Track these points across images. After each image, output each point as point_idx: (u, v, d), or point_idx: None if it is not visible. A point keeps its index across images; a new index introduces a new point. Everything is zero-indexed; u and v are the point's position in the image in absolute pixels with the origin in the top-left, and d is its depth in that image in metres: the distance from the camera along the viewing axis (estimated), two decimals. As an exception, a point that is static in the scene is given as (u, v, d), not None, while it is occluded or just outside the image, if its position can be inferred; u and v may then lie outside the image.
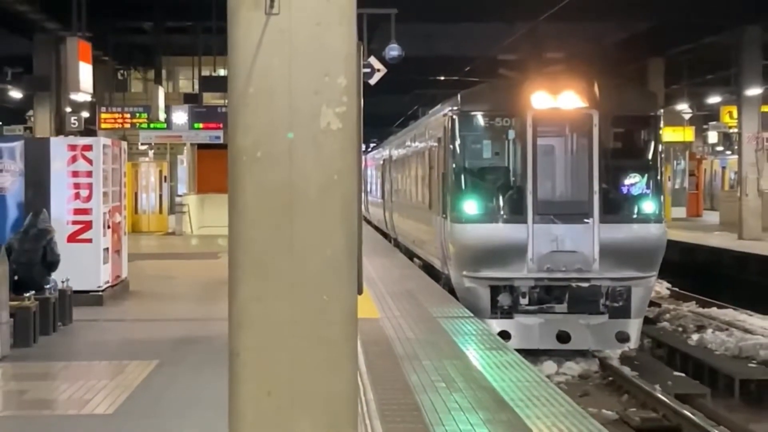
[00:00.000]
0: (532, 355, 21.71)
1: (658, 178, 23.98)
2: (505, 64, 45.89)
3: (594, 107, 23.34)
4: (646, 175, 23.73)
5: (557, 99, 23.50)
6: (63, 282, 19.23)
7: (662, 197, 24.11)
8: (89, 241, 21.98)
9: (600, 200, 22.87)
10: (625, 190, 23.77)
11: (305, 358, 7.55)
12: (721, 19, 41.61)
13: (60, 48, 35.23)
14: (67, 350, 17.30)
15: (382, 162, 52.47)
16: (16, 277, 17.48)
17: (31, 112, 46.08)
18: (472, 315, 21.78)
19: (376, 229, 51.64)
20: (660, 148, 24.65)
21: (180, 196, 51.60)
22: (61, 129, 40.18)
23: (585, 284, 22.70)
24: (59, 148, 22.57)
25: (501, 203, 23.51)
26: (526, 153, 23.15)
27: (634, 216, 23.51)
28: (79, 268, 20.79)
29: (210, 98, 46.50)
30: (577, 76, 25.35)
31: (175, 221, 48.95)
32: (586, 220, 22.81)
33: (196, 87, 46.93)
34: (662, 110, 25.63)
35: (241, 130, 7.62)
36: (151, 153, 53.21)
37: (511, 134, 23.56)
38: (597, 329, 22.92)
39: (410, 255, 36.72)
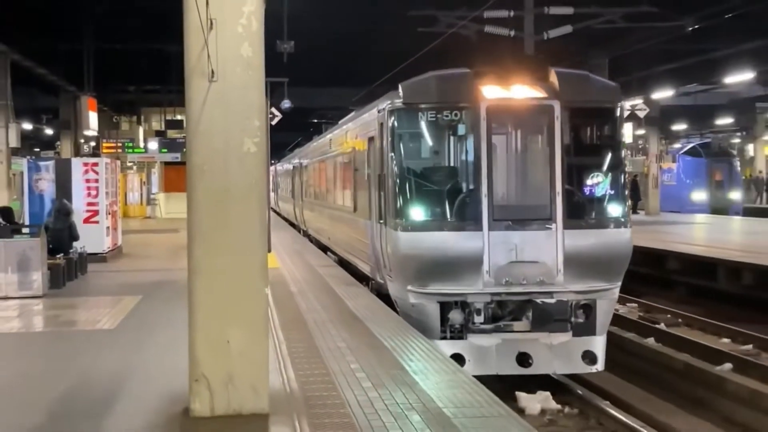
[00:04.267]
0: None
1: (623, 177, 14.70)
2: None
3: (554, 97, 13.91)
4: (610, 174, 14.31)
5: (512, 89, 14.19)
6: (81, 248, 19.08)
7: (627, 199, 14.81)
8: (97, 222, 21.84)
9: (563, 203, 13.63)
10: (589, 191, 14.29)
11: (236, 292, 7.56)
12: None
13: (76, 102, 34.72)
14: (85, 290, 17.07)
15: (291, 168, 40.11)
16: (50, 246, 17.23)
17: (58, 143, 45.23)
18: (335, 264, 20.62)
19: (285, 219, 43.84)
20: (623, 143, 15.31)
21: (153, 194, 51.24)
22: (77, 153, 39.55)
23: (551, 300, 13.39)
24: (77, 165, 22.42)
25: (451, 208, 13.73)
26: (479, 151, 13.60)
27: (601, 220, 13.97)
28: (91, 239, 20.69)
29: (172, 134, 46.08)
30: (533, 64, 16.57)
31: (150, 210, 48.81)
32: (548, 226, 13.49)
33: (164, 126, 46.74)
34: (623, 102, 15.32)
35: (195, 153, 7.61)
36: (135, 167, 52.34)
37: (462, 129, 14.07)
38: (561, 349, 13.68)
39: (323, 247, 25.58)
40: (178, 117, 43.95)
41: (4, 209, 18.72)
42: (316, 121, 52.91)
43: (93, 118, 31.82)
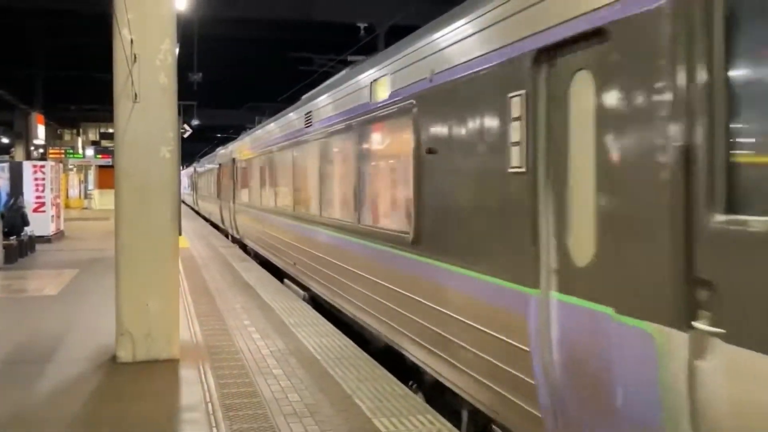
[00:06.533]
0: None
1: None
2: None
3: None
4: None
5: None
6: (31, 232, 18.30)
7: None
8: (44, 212, 21.01)
9: None
10: None
11: (154, 267, 7.36)
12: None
13: (28, 118, 33.30)
14: (33, 264, 16.29)
15: (217, 167, 25.49)
16: (5, 230, 16.44)
17: (13, 149, 43.25)
18: (228, 240, 20.17)
19: (207, 219, 32.05)
20: None
21: (89, 190, 49.68)
22: (28, 158, 37.92)
23: None
24: (27, 167, 21.49)
25: None
26: None
27: None
28: (39, 224, 19.96)
29: (105, 143, 44.80)
30: None
31: (87, 202, 47.33)
32: None
33: (98, 137, 45.45)
34: None
35: (122, 158, 7.37)
36: (74, 169, 50.37)
37: None
38: None
39: (273, 269, 14.61)
40: (110, 130, 42.96)
41: (-33, 201, 17.81)
42: (219, 135, 52.22)
43: (41, 130, 30.82)
